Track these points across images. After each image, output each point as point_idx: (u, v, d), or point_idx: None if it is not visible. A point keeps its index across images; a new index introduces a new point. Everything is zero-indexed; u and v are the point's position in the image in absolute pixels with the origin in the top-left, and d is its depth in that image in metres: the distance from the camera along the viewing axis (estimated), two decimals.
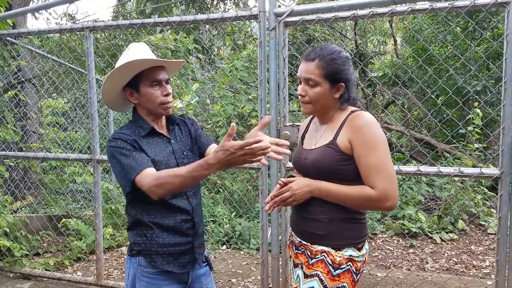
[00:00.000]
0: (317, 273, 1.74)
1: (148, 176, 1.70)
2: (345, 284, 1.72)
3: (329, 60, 1.75)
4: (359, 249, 1.76)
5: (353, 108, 1.81)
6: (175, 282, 1.90)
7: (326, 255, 1.74)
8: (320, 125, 1.90)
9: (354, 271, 1.74)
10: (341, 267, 1.72)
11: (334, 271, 1.72)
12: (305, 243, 1.84)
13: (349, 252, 1.74)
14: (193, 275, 1.96)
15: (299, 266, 1.86)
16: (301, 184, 1.78)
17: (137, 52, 1.88)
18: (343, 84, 1.77)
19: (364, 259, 1.79)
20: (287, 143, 1.72)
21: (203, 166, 1.58)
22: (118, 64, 1.88)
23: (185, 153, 1.96)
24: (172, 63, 1.96)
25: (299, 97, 1.84)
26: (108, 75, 1.84)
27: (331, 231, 1.76)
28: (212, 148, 2.03)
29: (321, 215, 1.77)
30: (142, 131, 1.87)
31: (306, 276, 1.78)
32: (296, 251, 1.91)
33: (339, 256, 1.73)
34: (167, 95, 1.87)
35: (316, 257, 1.76)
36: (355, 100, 1.83)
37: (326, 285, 1.72)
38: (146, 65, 1.84)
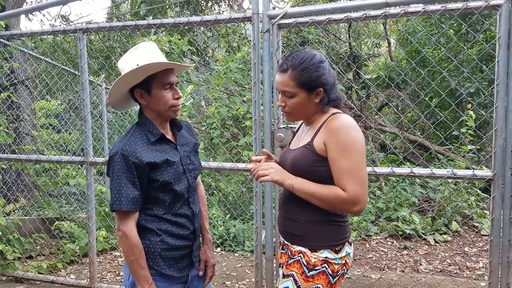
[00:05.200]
0: (292, 273, 1.77)
1: (127, 225, 1.78)
2: (319, 285, 1.74)
3: (301, 69, 1.73)
4: (337, 252, 1.77)
5: (335, 110, 1.81)
6: (175, 283, 1.94)
7: (302, 256, 1.76)
8: (305, 126, 1.93)
9: (330, 273, 1.75)
10: (316, 268, 1.73)
11: (308, 272, 1.73)
12: (286, 243, 1.88)
13: (325, 254, 1.75)
14: (191, 274, 2.01)
15: (281, 266, 1.91)
16: (280, 168, 1.82)
17: (149, 53, 1.86)
18: (320, 89, 1.76)
19: (344, 262, 1.79)
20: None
21: (140, 282, 1.79)
22: (124, 61, 1.86)
23: (191, 158, 1.99)
24: (181, 66, 1.96)
25: (280, 107, 1.85)
26: (120, 77, 1.82)
27: (308, 232, 1.78)
28: (198, 180, 2.15)
29: (300, 215, 1.80)
30: (152, 137, 1.86)
31: (283, 276, 1.82)
32: (281, 251, 1.95)
33: (314, 258, 1.74)
34: (178, 98, 1.88)
35: (294, 257, 1.79)
36: (337, 101, 1.82)
37: (299, 285, 1.74)
38: (161, 68, 1.83)
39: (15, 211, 5.63)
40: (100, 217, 4.97)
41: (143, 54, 1.84)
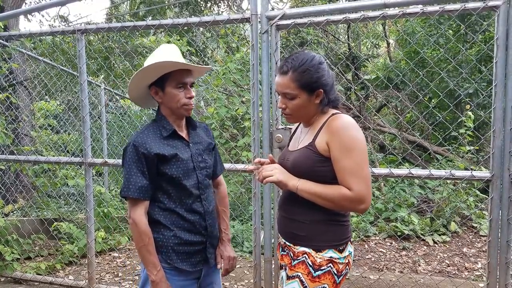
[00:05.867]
0: (298, 275, 1.77)
1: (138, 212, 1.89)
2: (325, 285, 1.74)
3: (301, 71, 1.75)
4: (341, 251, 1.78)
5: (334, 111, 1.83)
6: (187, 278, 2.01)
7: (307, 257, 1.76)
8: (304, 128, 1.94)
9: (335, 272, 1.76)
10: (321, 268, 1.74)
11: (314, 272, 1.74)
12: (288, 244, 1.87)
13: (330, 253, 1.75)
14: (205, 271, 2.08)
15: (284, 268, 1.90)
16: (284, 170, 1.82)
17: (167, 53, 1.95)
18: (321, 90, 1.78)
19: (347, 261, 1.80)
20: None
21: (149, 267, 1.88)
22: (146, 63, 1.96)
23: (203, 156, 2.06)
24: (198, 68, 2.04)
25: (281, 109, 1.87)
26: (135, 73, 1.93)
27: (312, 233, 1.78)
28: (220, 180, 2.29)
29: (303, 216, 1.80)
30: (165, 132, 1.97)
31: (288, 277, 1.82)
32: (282, 252, 1.95)
33: (320, 258, 1.74)
34: (190, 97, 1.97)
35: (298, 258, 1.79)
36: (336, 101, 1.85)
37: (306, 286, 1.74)
38: (173, 68, 1.91)
39: (14, 212, 5.62)
40: (99, 218, 4.97)
41: (162, 55, 1.94)
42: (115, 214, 5.15)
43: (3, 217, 4.59)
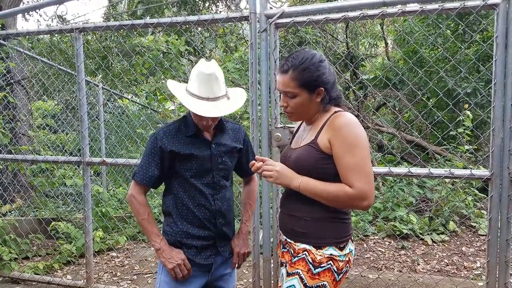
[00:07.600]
0: (297, 271, 1.76)
1: (137, 191, 2.05)
2: (325, 282, 1.73)
3: (302, 70, 1.75)
4: (341, 249, 1.77)
5: (336, 109, 1.82)
6: (199, 270, 2.09)
7: (307, 254, 1.76)
8: (306, 126, 1.94)
9: (336, 270, 1.75)
10: (321, 265, 1.73)
11: (314, 270, 1.73)
12: (289, 241, 1.87)
13: (330, 251, 1.75)
14: (218, 262, 2.15)
15: (284, 265, 1.90)
16: (285, 170, 1.81)
17: (200, 84, 1.95)
18: (322, 88, 1.78)
19: (347, 259, 1.79)
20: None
21: (152, 237, 2.03)
22: (192, 71, 2.00)
23: (223, 158, 2.10)
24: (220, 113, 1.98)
25: (282, 108, 1.87)
26: (170, 89, 2.06)
27: (313, 229, 1.78)
28: (253, 176, 2.37)
29: (304, 213, 1.80)
30: (189, 131, 2.05)
31: (288, 274, 1.81)
32: (283, 249, 1.94)
33: (320, 255, 1.74)
34: (205, 123, 1.99)
35: (298, 255, 1.79)
36: (337, 99, 1.84)
37: (306, 283, 1.74)
38: (193, 111, 1.94)
39: (12, 212, 5.60)
40: (97, 218, 4.95)
41: (194, 85, 1.96)
42: (113, 214, 5.13)
43: (1, 217, 4.57)
